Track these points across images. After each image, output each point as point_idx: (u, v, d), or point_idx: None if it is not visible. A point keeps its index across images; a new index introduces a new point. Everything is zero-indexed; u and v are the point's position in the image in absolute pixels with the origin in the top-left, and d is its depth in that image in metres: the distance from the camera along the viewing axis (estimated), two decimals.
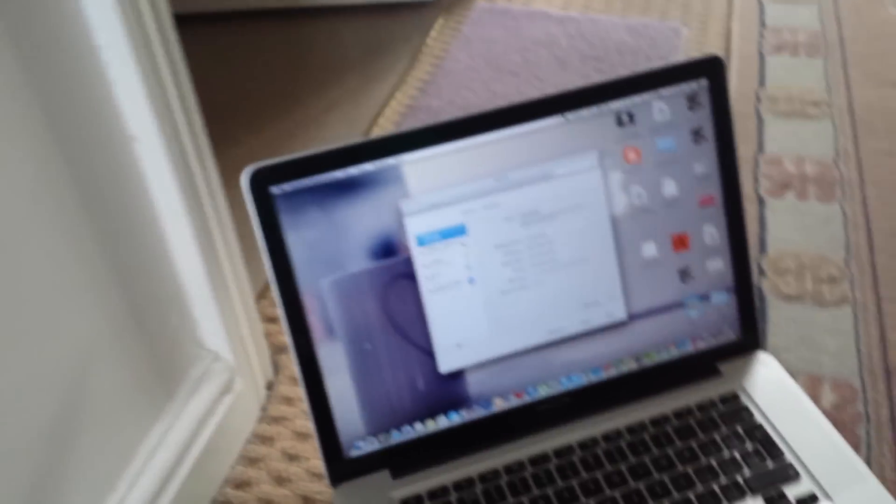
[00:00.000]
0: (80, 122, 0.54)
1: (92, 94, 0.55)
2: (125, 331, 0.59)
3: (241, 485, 0.67)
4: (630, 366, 0.64)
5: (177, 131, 0.59)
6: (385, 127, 1.14)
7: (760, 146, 1.02)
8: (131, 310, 0.60)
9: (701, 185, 0.62)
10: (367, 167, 0.56)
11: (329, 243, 0.56)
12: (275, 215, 0.55)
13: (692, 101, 0.60)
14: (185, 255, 0.62)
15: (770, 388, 0.64)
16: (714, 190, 0.62)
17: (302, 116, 1.19)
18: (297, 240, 0.55)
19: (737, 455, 0.59)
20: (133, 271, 0.60)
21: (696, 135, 0.61)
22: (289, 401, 0.74)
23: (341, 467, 0.60)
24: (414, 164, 0.56)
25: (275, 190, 0.54)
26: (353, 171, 0.55)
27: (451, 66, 1.27)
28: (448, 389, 0.60)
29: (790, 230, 0.90)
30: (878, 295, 0.81)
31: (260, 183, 0.54)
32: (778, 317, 0.79)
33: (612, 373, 0.63)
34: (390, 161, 0.56)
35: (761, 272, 0.84)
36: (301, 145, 1.12)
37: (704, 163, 0.62)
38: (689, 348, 0.65)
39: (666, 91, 0.60)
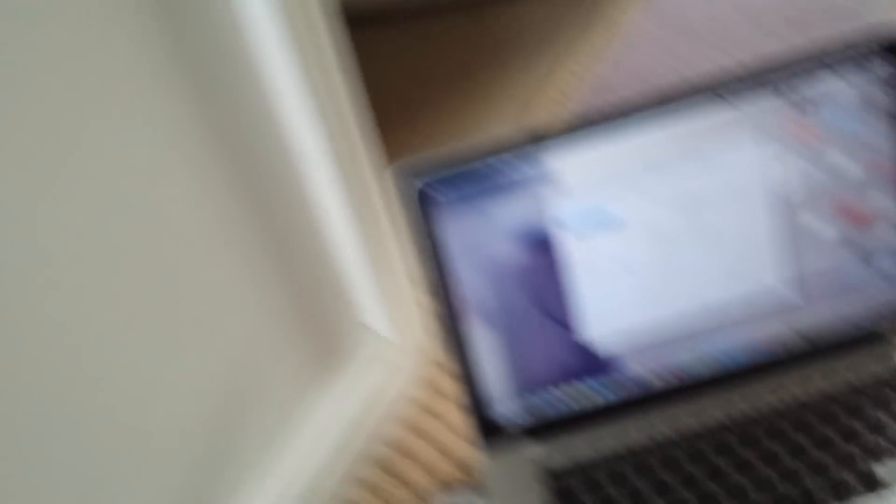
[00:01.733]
0: (239, 129, 0.62)
1: (253, 109, 0.63)
2: (287, 322, 0.67)
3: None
4: (796, 345, 0.63)
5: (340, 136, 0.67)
6: (559, 102, 1.18)
7: None
8: (292, 303, 0.67)
9: (886, 157, 0.59)
10: (520, 166, 0.59)
11: (479, 236, 0.60)
12: (426, 209, 0.59)
13: (888, 83, 0.57)
14: (347, 243, 0.70)
15: None
16: None
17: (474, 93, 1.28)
18: (447, 232, 0.60)
19: None
20: (296, 266, 0.68)
21: (892, 119, 0.58)
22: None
23: (492, 434, 0.65)
24: (566, 160, 0.59)
25: (425, 185, 0.59)
26: (505, 169, 0.59)
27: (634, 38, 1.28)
28: (601, 370, 0.64)
29: None
30: None
31: (408, 177, 0.59)
32: None
33: (775, 351, 0.63)
34: (543, 159, 0.59)
35: None
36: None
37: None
38: (865, 325, 0.63)
39: (857, 68, 0.57)
